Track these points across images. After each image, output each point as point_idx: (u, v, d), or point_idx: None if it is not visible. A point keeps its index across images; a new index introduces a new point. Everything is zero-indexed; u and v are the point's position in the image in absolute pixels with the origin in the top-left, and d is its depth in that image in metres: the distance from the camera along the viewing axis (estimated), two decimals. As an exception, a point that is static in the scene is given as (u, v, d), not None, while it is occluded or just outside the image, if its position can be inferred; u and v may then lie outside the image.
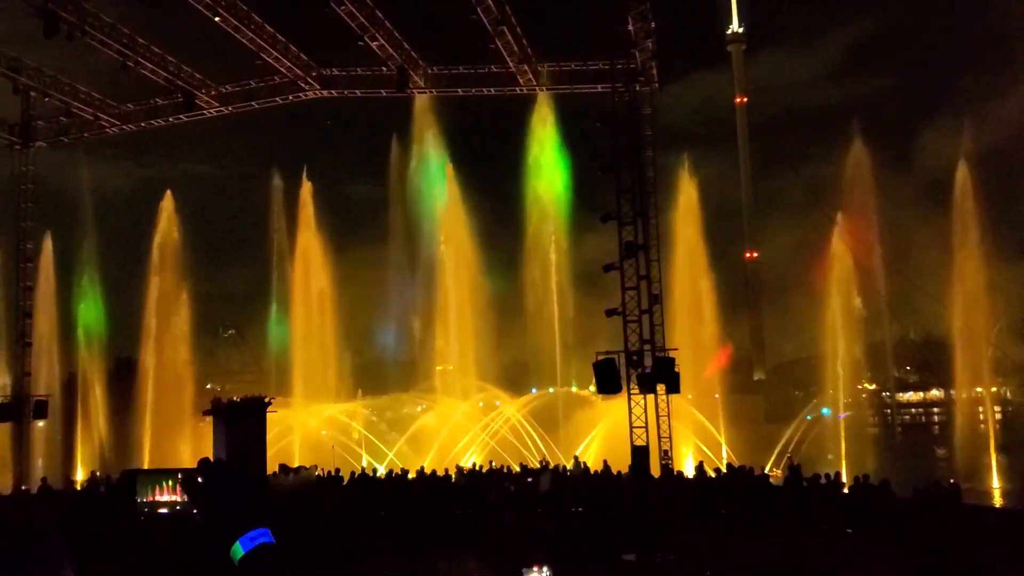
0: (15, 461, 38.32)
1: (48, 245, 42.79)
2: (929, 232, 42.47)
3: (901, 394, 63.57)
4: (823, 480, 27.39)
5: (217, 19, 32.53)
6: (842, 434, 39.99)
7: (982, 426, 38.92)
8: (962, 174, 38.46)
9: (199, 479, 9.76)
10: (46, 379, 41.74)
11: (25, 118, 39.34)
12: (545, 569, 16.40)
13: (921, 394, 66.52)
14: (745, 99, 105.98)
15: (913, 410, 65.93)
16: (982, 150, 41.43)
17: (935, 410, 62.47)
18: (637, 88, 33.66)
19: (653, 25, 32.61)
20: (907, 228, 46.09)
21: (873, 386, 53.53)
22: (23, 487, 36.14)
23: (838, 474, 29.16)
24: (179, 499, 27.36)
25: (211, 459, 12.77)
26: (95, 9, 32.74)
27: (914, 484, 25.42)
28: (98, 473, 36.53)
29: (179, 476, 26.58)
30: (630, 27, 32.23)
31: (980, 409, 39.97)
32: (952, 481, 26.72)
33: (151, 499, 28.17)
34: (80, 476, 40.86)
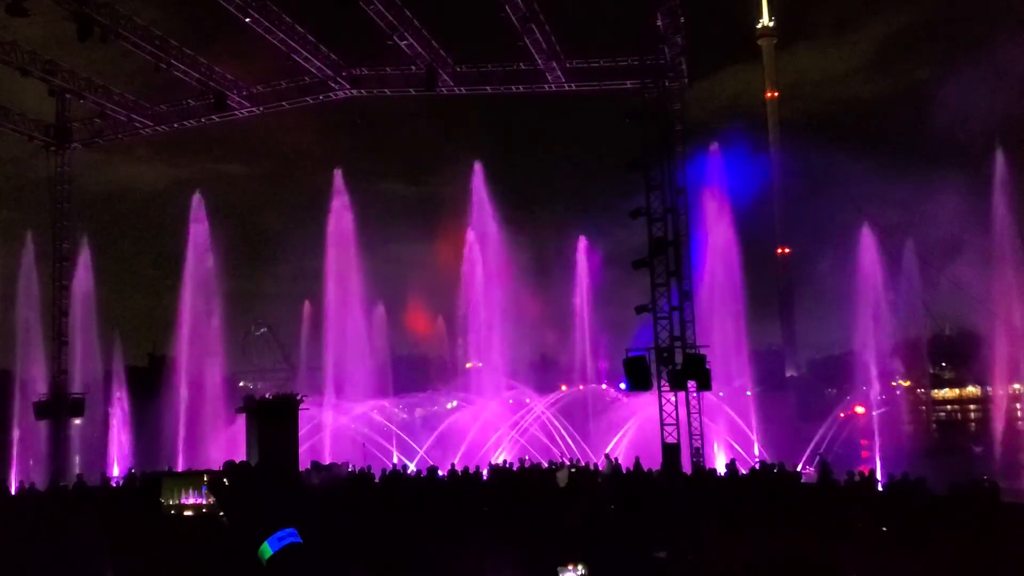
0: (52, 458, 38.99)
1: (84, 245, 43.34)
2: (965, 225, 41.76)
3: (936, 391, 62.66)
4: (856, 478, 27.12)
5: (248, 20, 32.79)
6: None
7: (1020, 423, 38.32)
8: (999, 164, 37.77)
9: (226, 482, 9.77)
10: (82, 377, 42.27)
11: (60, 120, 39.97)
12: (580, 567, 16.28)
13: (957, 391, 65.48)
14: (776, 94, 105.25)
15: (949, 407, 64.97)
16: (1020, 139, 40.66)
17: (971, 407, 61.51)
18: (667, 84, 33.44)
19: (683, 20, 32.38)
20: (942, 221, 45.33)
21: (907, 383, 52.80)
22: (60, 483, 36.68)
23: (872, 472, 28.83)
24: (204, 502, 27.49)
25: (236, 461, 12.74)
26: (128, 12, 33.16)
27: (951, 482, 25.07)
28: (135, 471, 36.98)
29: (205, 479, 26.73)
30: (659, 22, 32.03)
31: (1017, 405, 39.34)
32: (986, 478, 26.33)
33: (176, 502, 28.31)
34: (116, 473, 41.36)
